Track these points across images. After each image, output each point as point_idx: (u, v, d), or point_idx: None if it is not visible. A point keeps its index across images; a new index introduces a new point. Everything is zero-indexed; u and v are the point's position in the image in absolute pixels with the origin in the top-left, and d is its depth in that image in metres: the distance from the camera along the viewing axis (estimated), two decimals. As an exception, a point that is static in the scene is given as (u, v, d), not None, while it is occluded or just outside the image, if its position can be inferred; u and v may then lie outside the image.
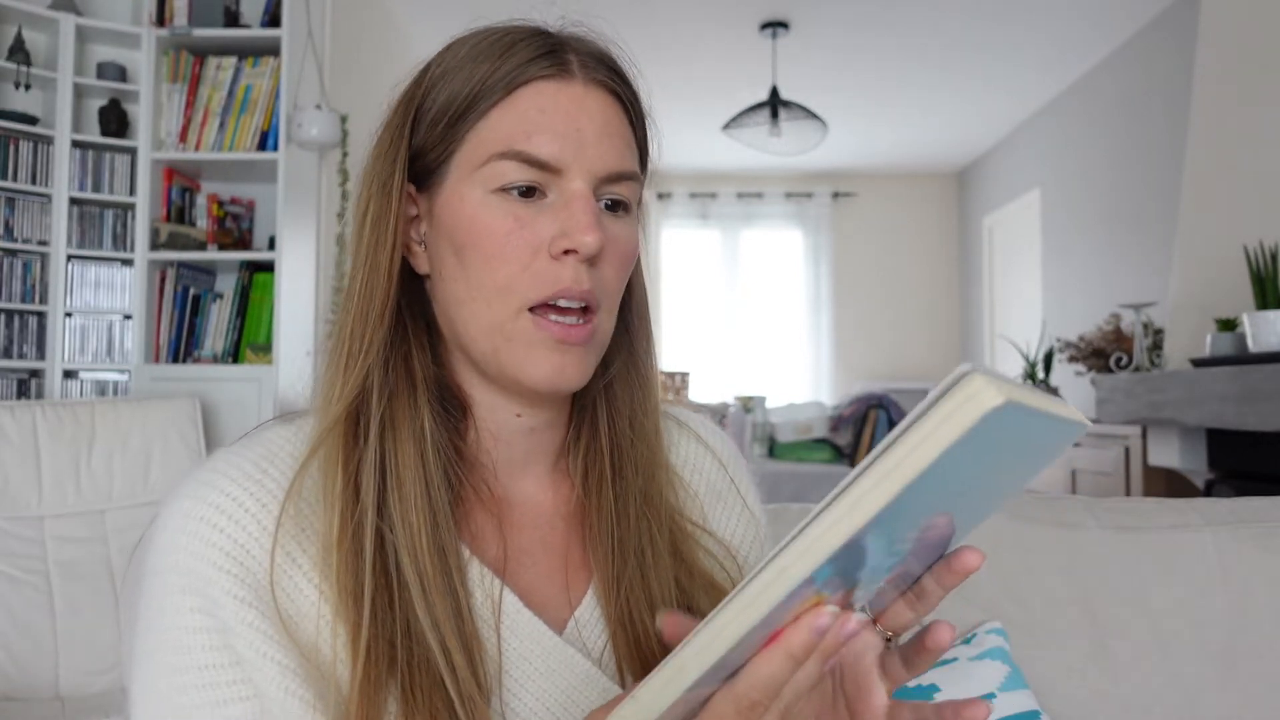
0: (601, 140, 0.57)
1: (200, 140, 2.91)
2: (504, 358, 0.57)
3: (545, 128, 0.56)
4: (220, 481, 0.55)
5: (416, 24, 4.16)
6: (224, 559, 0.52)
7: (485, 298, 0.56)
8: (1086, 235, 4.72)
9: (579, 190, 0.56)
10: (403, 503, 0.55)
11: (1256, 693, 0.91)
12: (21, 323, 2.78)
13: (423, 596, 0.53)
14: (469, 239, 0.57)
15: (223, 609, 0.52)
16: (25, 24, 2.77)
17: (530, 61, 0.57)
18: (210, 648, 0.52)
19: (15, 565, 2.00)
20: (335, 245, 3.34)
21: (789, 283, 6.77)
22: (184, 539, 0.53)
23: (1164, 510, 1.00)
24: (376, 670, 0.51)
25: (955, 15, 4.09)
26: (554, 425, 0.64)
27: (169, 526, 0.54)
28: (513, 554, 0.61)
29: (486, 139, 0.57)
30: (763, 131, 4.31)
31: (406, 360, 0.59)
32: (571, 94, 0.57)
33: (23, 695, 1.92)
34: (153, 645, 0.53)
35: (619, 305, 0.61)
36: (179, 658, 0.52)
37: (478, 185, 0.57)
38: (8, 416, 2.08)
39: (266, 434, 0.59)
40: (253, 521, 0.53)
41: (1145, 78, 4.13)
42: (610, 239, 0.57)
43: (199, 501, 0.54)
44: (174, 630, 0.52)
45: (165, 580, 0.53)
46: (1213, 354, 2.48)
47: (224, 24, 2.94)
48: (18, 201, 2.75)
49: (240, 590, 0.52)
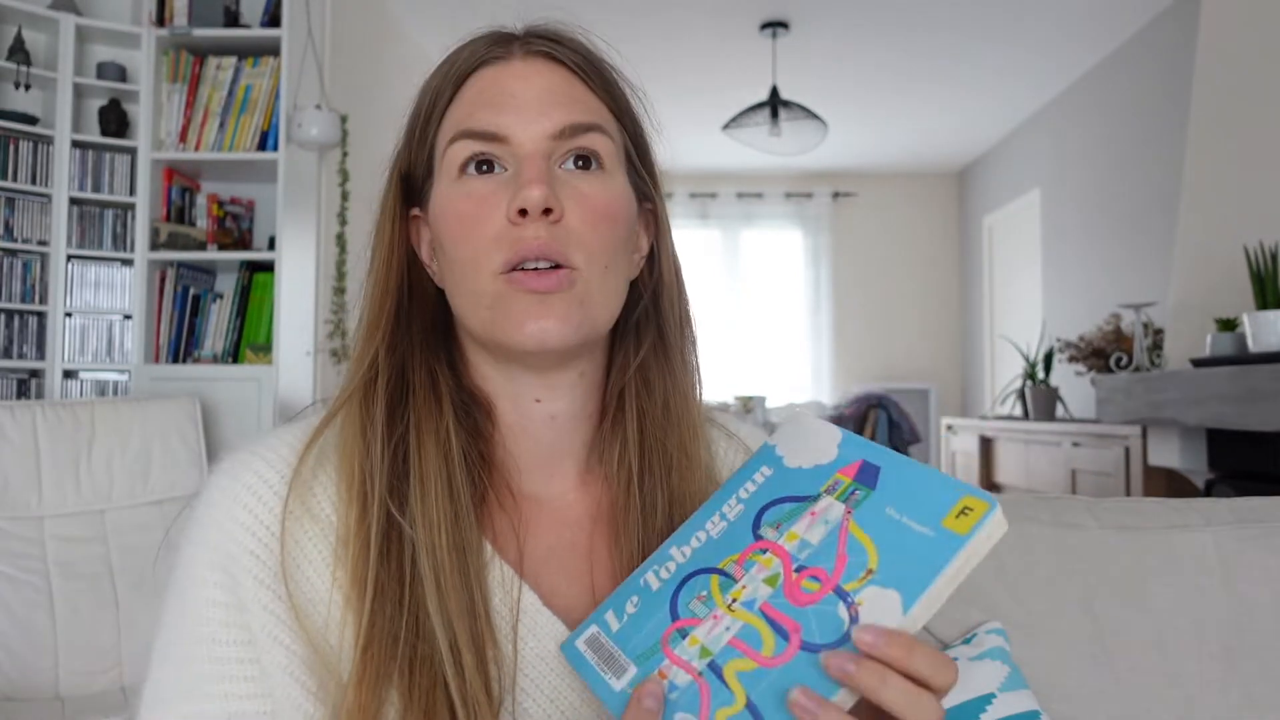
0: (542, 100, 0.58)
1: (200, 140, 2.91)
2: (493, 327, 0.58)
3: (484, 104, 0.59)
4: (255, 463, 0.57)
5: (416, 24, 4.16)
6: (249, 539, 0.54)
7: (465, 274, 0.58)
8: (1086, 235, 4.72)
9: (528, 153, 0.57)
10: (424, 500, 0.56)
11: (1256, 693, 0.91)
12: (21, 323, 2.78)
13: (436, 593, 0.54)
14: (444, 227, 0.59)
15: (242, 588, 0.54)
16: (25, 24, 2.77)
17: (472, 55, 0.61)
18: (226, 624, 0.53)
19: (15, 565, 2.00)
20: (335, 245, 3.34)
21: (789, 283, 6.77)
22: (215, 515, 0.55)
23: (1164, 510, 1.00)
24: (377, 664, 0.52)
25: (955, 15, 4.09)
26: (579, 416, 0.64)
27: (206, 500, 0.56)
28: (538, 554, 0.61)
29: (445, 135, 0.60)
30: (763, 131, 4.31)
31: (429, 368, 0.61)
32: (511, 71, 0.60)
33: (22, 695, 1.92)
34: (175, 614, 0.55)
35: (619, 264, 0.60)
36: (196, 629, 0.54)
37: (444, 179, 0.60)
38: (8, 416, 2.08)
39: (311, 419, 0.61)
40: (280, 504, 0.55)
41: (1145, 78, 4.13)
42: (574, 194, 0.58)
43: (234, 480, 0.56)
44: (196, 602, 0.54)
45: (194, 553, 0.55)
46: (1213, 354, 2.48)
47: (224, 24, 2.94)
48: (18, 201, 2.75)
49: (261, 571, 0.54)
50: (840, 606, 0.46)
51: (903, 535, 0.47)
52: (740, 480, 0.56)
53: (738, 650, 0.47)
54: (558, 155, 0.58)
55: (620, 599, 0.54)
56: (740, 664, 0.46)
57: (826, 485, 0.52)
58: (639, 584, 0.54)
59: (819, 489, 0.52)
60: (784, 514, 0.52)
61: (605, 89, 0.62)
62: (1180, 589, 0.95)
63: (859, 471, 0.51)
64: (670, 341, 0.66)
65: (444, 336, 0.64)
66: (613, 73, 0.63)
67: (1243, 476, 2.54)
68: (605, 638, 0.52)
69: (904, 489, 0.49)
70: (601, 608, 0.54)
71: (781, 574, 0.49)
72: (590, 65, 0.62)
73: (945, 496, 0.47)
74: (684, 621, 0.50)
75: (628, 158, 0.63)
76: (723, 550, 0.52)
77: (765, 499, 0.54)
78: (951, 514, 0.46)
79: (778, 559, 0.50)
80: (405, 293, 0.62)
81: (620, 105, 0.63)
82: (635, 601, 0.53)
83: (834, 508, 0.50)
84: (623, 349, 0.65)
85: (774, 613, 0.47)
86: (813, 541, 0.49)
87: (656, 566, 0.54)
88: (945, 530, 0.45)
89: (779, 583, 0.49)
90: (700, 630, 0.49)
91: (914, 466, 0.50)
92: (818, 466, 0.53)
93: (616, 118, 0.63)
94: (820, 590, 0.47)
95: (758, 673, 0.45)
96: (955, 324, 6.74)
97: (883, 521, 0.48)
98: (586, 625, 0.54)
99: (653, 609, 0.52)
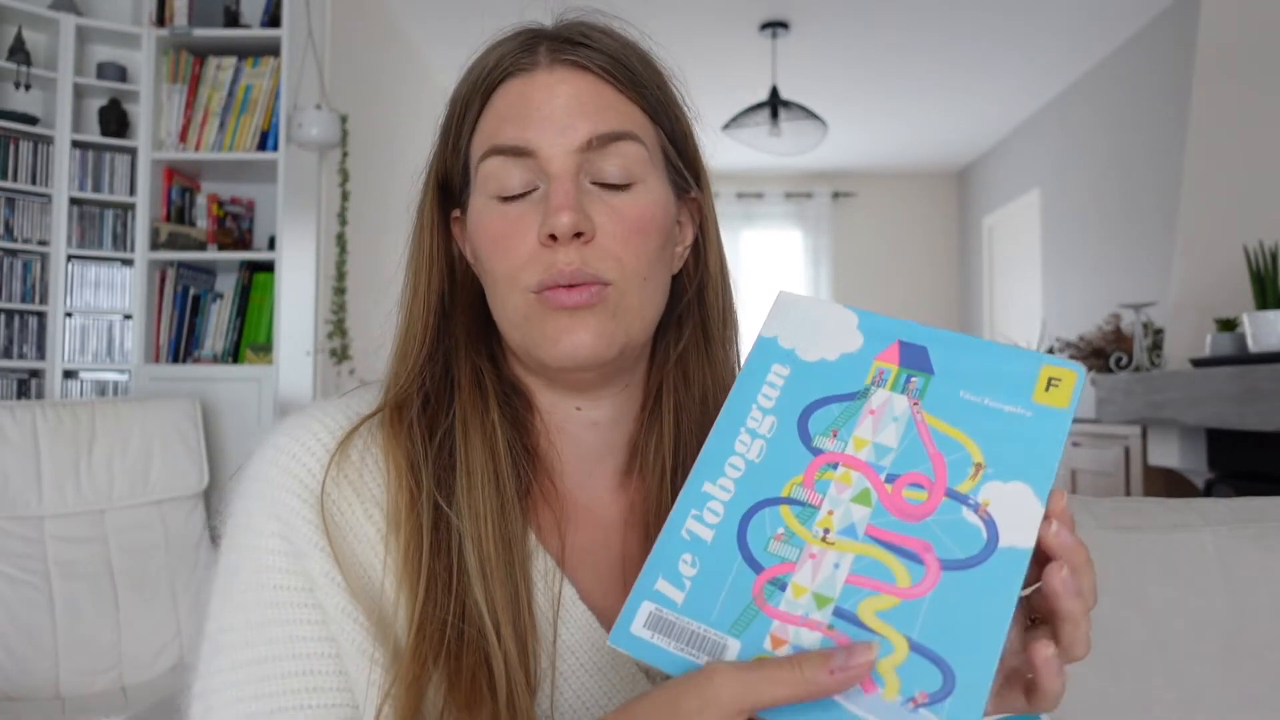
0: (570, 113, 0.57)
1: (200, 140, 2.91)
2: (528, 343, 0.58)
3: (511, 119, 0.58)
4: (310, 423, 0.59)
5: (417, 24, 4.15)
6: (300, 488, 0.56)
7: (500, 290, 0.59)
8: (1086, 235, 4.72)
9: (556, 171, 0.57)
10: (470, 492, 0.57)
11: (1256, 693, 0.91)
12: (21, 323, 2.77)
13: (482, 582, 0.54)
14: (479, 243, 0.60)
15: (298, 534, 0.55)
16: (25, 24, 2.77)
17: (498, 65, 0.60)
18: (286, 570, 0.55)
19: (15, 565, 2.00)
20: (335, 245, 3.34)
21: (789, 283, 6.77)
22: (270, 469, 0.57)
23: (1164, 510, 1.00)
24: (426, 645, 0.53)
25: (955, 15, 4.09)
26: (620, 421, 0.64)
27: (262, 458, 0.58)
28: (574, 551, 0.61)
29: (477, 147, 0.60)
30: (763, 131, 4.31)
31: (473, 365, 0.62)
32: (536, 83, 0.59)
33: (23, 695, 1.92)
34: (234, 563, 0.56)
35: (657, 273, 0.60)
36: (258, 576, 0.55)
37: (480, 193, 0.60)
38: (8, 417, 2.08)
39: (368, 394, 0.63)
40: (323, 467, 0.57)
41: (1145, 78, 4.13)
42: (605, 209, 0.57)
43: (288, 438, 0.58)
44: (256, 551, 0.56)
45: (250, 504, 0.57)
46: (1213, 354, 2.48)
47: (224, 24, 2.94)
48: (18, 201, 2.75)
49: (314, 517, 0.55)
50: (965, 511, 0.40)
51: (995, 420, 0.42)
52: (752, 387, 0.48)
53: (866, 588, 0.40)
54: (588, 169, 0.58)
55: (667, 562, 0.44)
56: (877, 603, 0.40)
57: (870, 377, 0.46)
58: (682, 538, 0.44)
59: (863, 382, 0.46)
60: (834, 418, 0.45)
61: (636, 88, 0.60)
62: (1179, 589, 0.95)
63: (901, 354, 0.46)
64: (712, 335, 0.65)
65: (487, 328, 0.64)
66: (646, 68, 0.61)
67: (1242, 476, 2.54)
68: (671, 613, 0.42)
69: (968, 367, 0.44)
70: (645, 579, 0.44)
71: (872, 488, 0.42)
72: (619, 66, 0.60)
73: (1023, 369, 0.43)
74: (774, 570, 0.42)
75: (664, 156, 0.62)
76: (777, 475, 0.44)
77: (800, 404, 0.46)
78: (1039, 387, 0.42)
79: (856, 472, 0.43)
80: (447, 298, 0.63)
81: (653, 103, 0.61)
82: (691, 561, 0.43)
83: (895, 401, 0.44)
84: (664, 341, 0.65)
85: (887, 535, 0.41)
86: (889, 444, 0.43)
87: (696, 511, 0.45)
88: (1042, 406, 0.42)
89: (873, 499, 0.42)
90: (802, 576, 0.41)
91: (964, 340, 0.45)
92: (846, 356, 0.47)
93: (650, 116, 0.61)
94: (930, 499, 0.41)
95: (905, 607, 0.39)
96: (955, 324, 6.73)
97: (962, 407, 0.43)
98: (635, 606, 0.43)
99: (721, 564, 0.43)
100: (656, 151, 0.61)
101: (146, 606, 2.12)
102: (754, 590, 0.42)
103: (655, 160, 0.61)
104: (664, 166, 0.62)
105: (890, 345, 0.46)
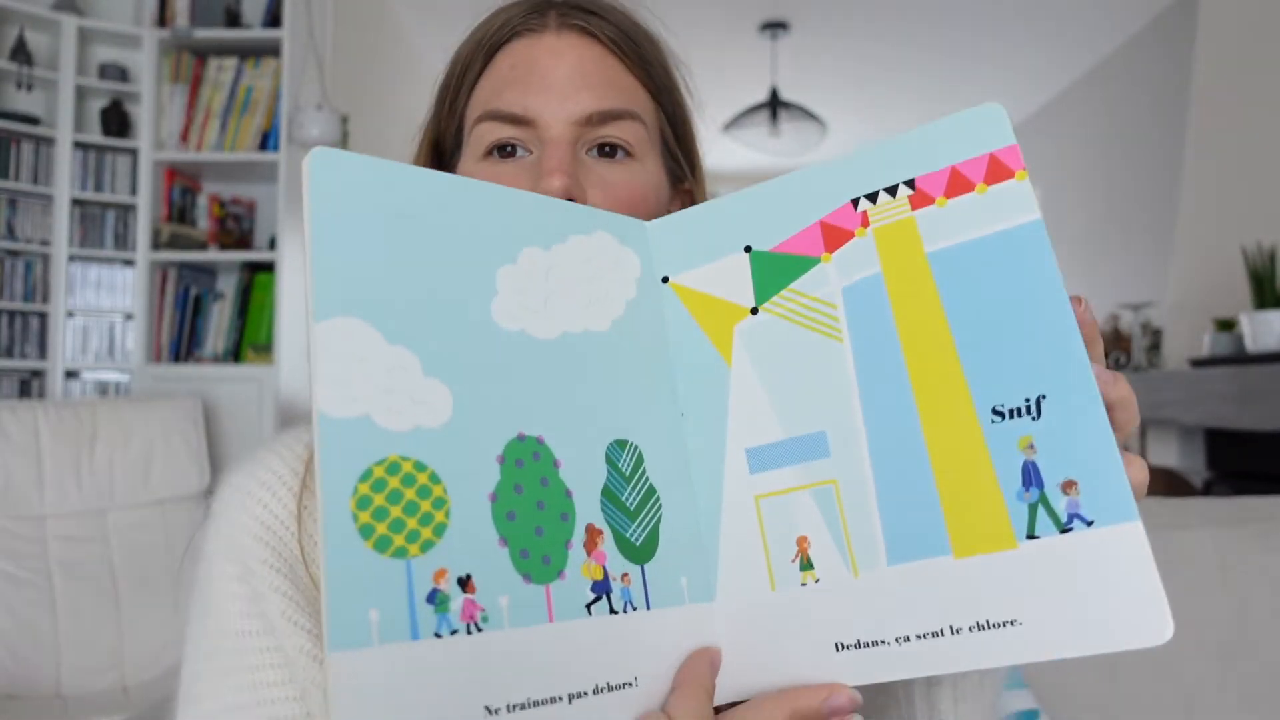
0: (574, 83, 0.56)
1: (201, 141, 2.91)
2: None
3: (514, 82, 0.57)
4: (268, 458, 0.57)
5: (417, 24, 4.16)
6: (260, 529, 0.54)
7: None
8: (1085, 235, 4.72)
9: (553, 137, 0.56)
10: None
11: (1256, 693, 0.91)
12: (23, 323, 2.78)
13: None
14: None
15: (257, 576, 0.54)
16: (27, 25, 2.77)
17: (505, 25, 0.58)
18: (245, 615, 0.54)
19: (17, 564, 2.00)
20: (336, 245, 3.34)
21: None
22: (228, 510, 0.56)
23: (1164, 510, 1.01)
24: None
25: (954, 16, 4.09)
26: None
27: (221, 499, 0.57)
28: None
29: (474, 109, 0.59)
30: (763, 132, 4.31)
31: None
32: (543, 45, 0.57)
33: (24, 693, 1.93)
34: (202, 607, 0.55)
35: None
36: (221, 622, 0.54)
37: (469, 156, 0.59)
38: (10, 416, 2.09)
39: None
40: (290, 496, 0.56)
41: (1145, 78, 4.13)
42: (598, 181, 0.56)
43: (246, 476, 0.57)
44: (216, 596, 0.54)
45: (211, 546, 0.56)
46: (1211, 354, 2.49)
47: (225, 25, 2.95)
48: (19, 202, 2.75)
49: (273, 559, 0.54)
50: None
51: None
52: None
53: None
54: (584, 141, 0.57)
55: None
56: None
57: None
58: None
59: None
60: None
61: (643, 65, 0.59)
62: (1179, 589, 0.95)
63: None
64: None
65: None
66: (653, 48, 0.61)
67: (1241, 476, 2.55)
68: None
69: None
70: None
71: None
72: (628, 40, 0.59)
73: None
74: None
75: (663, 139, 0.61)
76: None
77: None
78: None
79: None
80: None
81: (658, 83, 0.61)
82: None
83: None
84: None
85: None
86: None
87: None
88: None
89: None
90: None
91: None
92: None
93: (653, 97, 0.60)
94: None
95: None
96: (955, 324, 6.74)
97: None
98: None
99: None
100: (655, 134, 0.60)
101: (148, 606, 2.13)
102: None
103: (653, 142, 0.60)
104: (661, 150, 0.61)
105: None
